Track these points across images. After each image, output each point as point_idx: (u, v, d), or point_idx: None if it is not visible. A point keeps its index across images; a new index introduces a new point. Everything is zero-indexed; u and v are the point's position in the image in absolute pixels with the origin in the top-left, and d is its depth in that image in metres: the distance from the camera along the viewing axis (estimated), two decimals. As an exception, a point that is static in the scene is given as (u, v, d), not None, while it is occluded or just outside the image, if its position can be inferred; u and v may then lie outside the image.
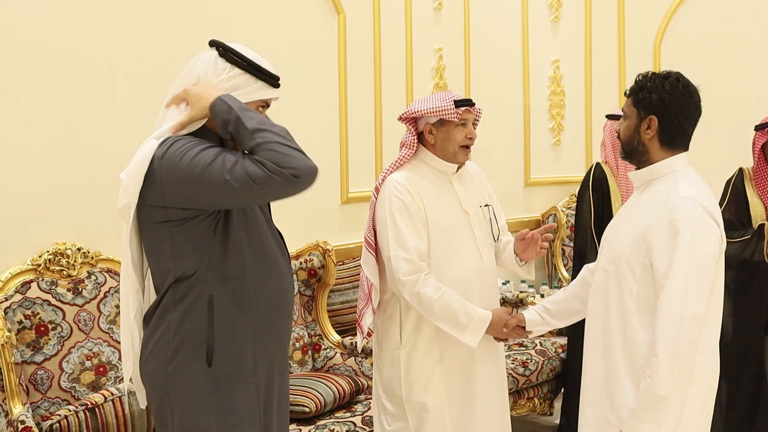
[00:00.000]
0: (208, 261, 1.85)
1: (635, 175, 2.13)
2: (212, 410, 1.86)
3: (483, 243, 2.50)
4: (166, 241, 1.85)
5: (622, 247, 2.05)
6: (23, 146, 2.75)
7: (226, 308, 1.86)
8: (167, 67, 3.12)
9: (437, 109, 2.41)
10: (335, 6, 3.81)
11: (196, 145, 1.79)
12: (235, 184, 1.72)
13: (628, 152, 2.12)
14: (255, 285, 1.90)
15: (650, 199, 2.05)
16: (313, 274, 3.46)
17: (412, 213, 2.38)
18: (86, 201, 2.89)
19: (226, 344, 1.87)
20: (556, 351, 3.80)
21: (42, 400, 2.60)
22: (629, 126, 2.09)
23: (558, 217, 4.87)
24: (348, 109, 3.87)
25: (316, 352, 3.42)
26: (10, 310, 2.59)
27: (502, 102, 4.74)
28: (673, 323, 1.90)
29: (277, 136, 1.76)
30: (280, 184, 1.72)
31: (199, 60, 1.92)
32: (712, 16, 5.00)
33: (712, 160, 3.66)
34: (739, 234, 3.18)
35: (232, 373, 1.87)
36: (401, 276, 2.33)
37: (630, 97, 2.10)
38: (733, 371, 3.18)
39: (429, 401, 2.41)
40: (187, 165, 1.76)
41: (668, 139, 2.05)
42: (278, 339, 2.01)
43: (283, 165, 1.71)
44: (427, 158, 2.49)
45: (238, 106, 1.80)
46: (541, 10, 4.98)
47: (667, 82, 2.03)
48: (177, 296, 1.86)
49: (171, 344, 1.86)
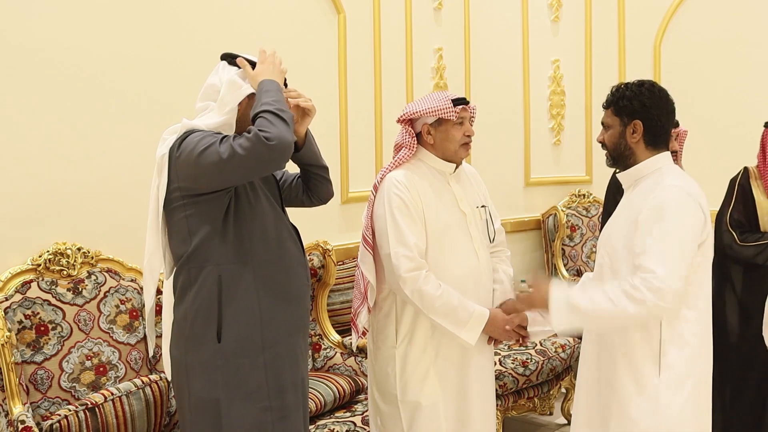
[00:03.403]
0: (218, 244, 2.06)
1: (624, 176, 2.28)
2: (221, 383, 2.06)
3: (479, 243, 2.51)
4: (183, 225, 2.08)
5: (616, 240, 2.18)
6: (24, 146, 2.75)
7: (234, 288, 2.07)
8: (168, 68, 3.13)
9: (435, 108, 2.43)
10: (335, 6, 3.81)
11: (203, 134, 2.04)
12: (225, 156, 1.96)
13: (615, 158, 2.28)
14: (263, 269, 2.10)
15: (639, 194, 2.18)
16: (313, 274, 3.46)
17: (412, 210, 2.39)
18: (86, 201, 2.89)
19: (234, 322, 2.06)
20: (556, 351, 3.80)
21: (42, 399, 2.60)
22: (614, 134, 2.25)
23: (558, 217, 4.87)
24: (348, 109, 3.87)
25: (316, 352, 3.42)
26: (10, 310, 2.59)
27: (502, 102, 4.74)
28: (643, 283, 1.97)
29: (277, 110, 2.00)
30: (258, 146, 1.94)
31: (213, 72, 2.20)
32: (712, 15, 5.00)
33: (713, 159, 3.66)
34: (754, 238, 3.18)
35: (239, 349, 2.06)
36: (402, 273, 2.33)
37: (609, 108, 2.26)
38: (737, 373, 3.18)
39: (424, 400, 2.42)
40: (192, 149, 2.01)
41: (653, 140, 2.21)
42: (287, 323, 2.14)
43: (263, 128, 1.95)
44: (426, 158, 2.50)
45: (270, 87, 2.07)
46: (541, 9, 4.98)
47: (644, 88, 2.20)
48: (192, 277, 2.08)
49: (187, 322, 2.09)
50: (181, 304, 2.11)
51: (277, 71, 2.15)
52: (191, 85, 3.00)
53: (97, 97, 2.94)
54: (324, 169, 2.38)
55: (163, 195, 2.08)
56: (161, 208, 2.09)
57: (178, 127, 2.10)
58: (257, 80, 2.10)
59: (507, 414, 3.61)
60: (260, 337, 2.08)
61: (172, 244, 2.14)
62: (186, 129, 2.08)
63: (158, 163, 2.09)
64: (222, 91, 2.11)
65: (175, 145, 2.06)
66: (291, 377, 2.15)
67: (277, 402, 2.10)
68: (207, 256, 2.06)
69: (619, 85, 2.28)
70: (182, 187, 2.05)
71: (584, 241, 4.96)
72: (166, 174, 2.06)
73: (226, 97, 2.10)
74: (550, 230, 4.92)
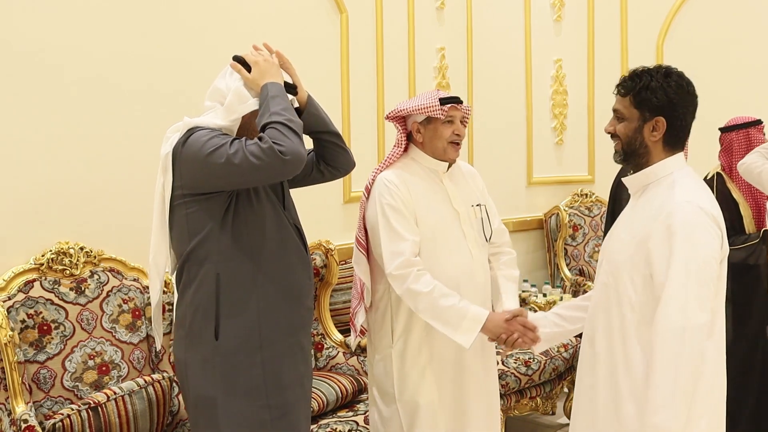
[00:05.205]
0: (217, 242, 2.05)
1: (631, 180, 2.00)
2: (219, 381, 2.05)
3: (473, 242, 2.51)
4: (183, 222, 2.07)
5: (621, 259, 1.92)
6: (26, 145, 2.75)
7: (231, 286, 2.06)
8: (170, 67, 3.13)
9: (423, 106, 2.44)
10: (338, 5, 3.81)
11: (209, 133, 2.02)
12: (236, 161, 1.94)
13: (627, 153, 1.97)
14: (263, 267, 2.08)
15: (647, 205, 1.92)
16: (316, 274, 3.46)
17: (404, 209, 2.39)
18: (89, 200, 2.90)
19: (232, 320, 2.06)
20: (558, 350, 3.79)
21: (45, 399, 2.60)
22: (630, 128, 1.94)
23: (560, 217, 4.87)
24: (350, 109, 3.87)
25: (318, 352, 3.42)
26: (13, 309, 2.60)
27: (504, 101, 4.73)
28: (673, 337, 1.73)
29: (288, 120, 1.98)
30: (272, 159, 1.93)
31: (221, 75, 2.17)
32: (715, 15, 5.00)
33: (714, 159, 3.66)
34: (741, 240, 3.18)
35: (236, 347, 2.06)
36: (393, 271, 2.34)
37: (628, 96, 1.94)
38: (738, 379, 3.17)
39: (421, 399, 2.42)
40: (200, 148, 1.99)
41: (673, 141, 1.93)
42: (287, 321, 2.13)
43: (277, 141, 1.93)
44: (417, 156, 2.51)
45: (276, 92, 2.05)
46: (543, 9, 4.98)
47: (671, 80, 1.89)
48: (191, 275, 2.08)
49: (186, 319, 2.09)
50: (182, 302, 2.11)
51: (276, 70, 2.12)
52: (193, 84, 3.01)
53: (100, 96, 2.94)
54: (335, 136, 2.28)
55: (169, 193, 2.07)
56: (167, 206, 2.09)
57: (180, 125, 2.10)
58: (258, 84, 2.08)
59: (509, 414, 3.60)
60: (258, 335, 2.07)
61: (173, 241, 2.14)
62: (189, 127, 2.08)
63: (162, 162, 2.08)
64: (229, 99, 2.09)
65: (179, 143, 2.05)
66: (291, 375, 2.14)
67: (276, 400, 2.09)
68: (206, 253, 2.06)
69: (642, 70, 1.93)
70: (185, 185, 2.05)
71: (586, 240, 4.96)
72: (170, 172, 2.06)
73: (234, 106, 2.08)
74: (552, 230, 4.92)
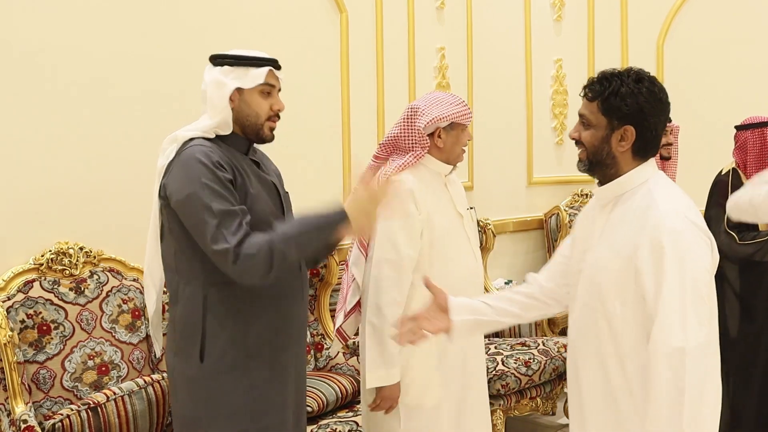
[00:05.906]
0: (205, 263, 1.96)
1: (603, 191, 1.83)
2: (203, 402, 2.02)
3: (474, 245, 2.55)
4: (170, 238, 2.04)
5: (606, 279, 1.74)
6: (26, 145, 2.75)
7: (218, 309, 2.00)
8: (170, 68, 3.13)
9: (459, 113, 2.43)
10: (338, 5, 3.81)
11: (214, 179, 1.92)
12: (217, 248, 1.87)
13: (592, 163, 1.81)
14: (252, 290, 1.99)
15: (624, 217, 1.76)
16: (315, 273, 3.46)
17: (415, 220, 2.38)
18: (89, 200, 2.89)
19: (218, 342, 2.00)
20: (559, 350, 3.79)
21: (44, 399, 2.60)
22: (597, 136, 1.78)
23: (561, 217, 4.86)
24: (350, 108, 3.87)
25: (318, 352, 3.42)
26: (12, 310, 2.59)
27: (504, 101, 4.73)
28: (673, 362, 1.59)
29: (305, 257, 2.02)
30: (258, 268, 1.87)
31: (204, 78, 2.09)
32: (715, 15, 4.99)
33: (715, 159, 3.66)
34: (750, 236, 3.18)
35: (221, 369, 2.01)
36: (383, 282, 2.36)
37: (595, 101, 1.77)
38: (742, 372, 3.17)
39: (426, 403, 2.43)
40: (186, 197, 1.92)
41: (642, 150, 1.77)
42: (277, 341, 2.07)
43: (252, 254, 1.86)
44: (427, 161, 2.49)
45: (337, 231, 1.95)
46: (543, 9, 4.97)
47: (642, 86, 1.74)
48: (179, 292, 2.04)
49: (174, 338, 2.07)
50: (172, 314, 2.08)
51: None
52: (193, 85, 2.99)
53: (100, 96, 2.94)
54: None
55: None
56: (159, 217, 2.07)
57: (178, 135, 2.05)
58: (348, 209, 1.94)
59: (509, 414, 3.60)
60: (244, 358, 2.01)
61: (162, 254, 2.10)
62: (185, 139, 2.02)
63: (159, 173, 2.04)
64: (209, 93, 2.04)
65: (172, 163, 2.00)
66: (278, 398, 2.07)
67: (255, 425, 2.03)
68: (194, 272, 2.00)
69: (611, 72, 1.78)
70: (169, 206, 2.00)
71: (587, 240, 4.95)
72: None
73: (215, 99, 2.03)
74: (552, 230, 4.91)
